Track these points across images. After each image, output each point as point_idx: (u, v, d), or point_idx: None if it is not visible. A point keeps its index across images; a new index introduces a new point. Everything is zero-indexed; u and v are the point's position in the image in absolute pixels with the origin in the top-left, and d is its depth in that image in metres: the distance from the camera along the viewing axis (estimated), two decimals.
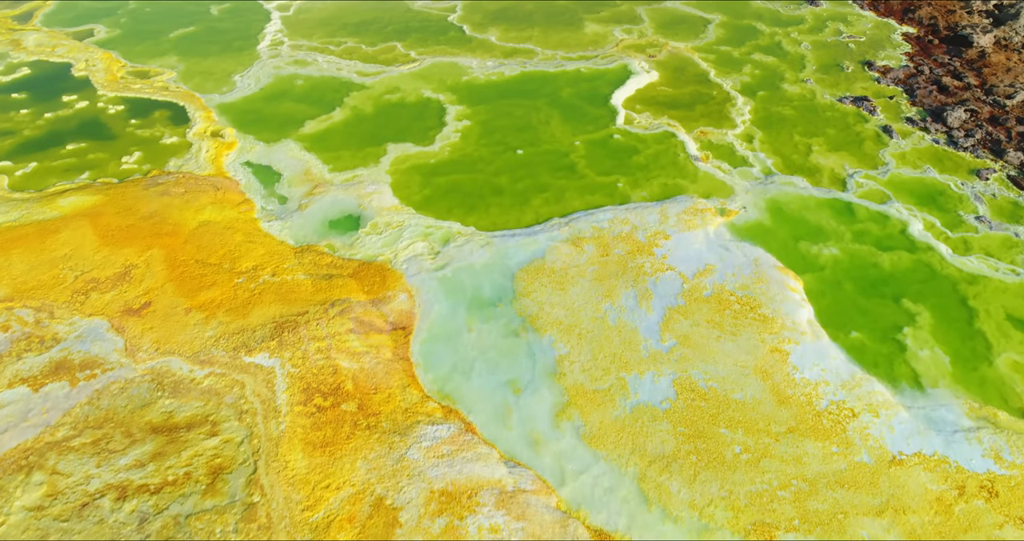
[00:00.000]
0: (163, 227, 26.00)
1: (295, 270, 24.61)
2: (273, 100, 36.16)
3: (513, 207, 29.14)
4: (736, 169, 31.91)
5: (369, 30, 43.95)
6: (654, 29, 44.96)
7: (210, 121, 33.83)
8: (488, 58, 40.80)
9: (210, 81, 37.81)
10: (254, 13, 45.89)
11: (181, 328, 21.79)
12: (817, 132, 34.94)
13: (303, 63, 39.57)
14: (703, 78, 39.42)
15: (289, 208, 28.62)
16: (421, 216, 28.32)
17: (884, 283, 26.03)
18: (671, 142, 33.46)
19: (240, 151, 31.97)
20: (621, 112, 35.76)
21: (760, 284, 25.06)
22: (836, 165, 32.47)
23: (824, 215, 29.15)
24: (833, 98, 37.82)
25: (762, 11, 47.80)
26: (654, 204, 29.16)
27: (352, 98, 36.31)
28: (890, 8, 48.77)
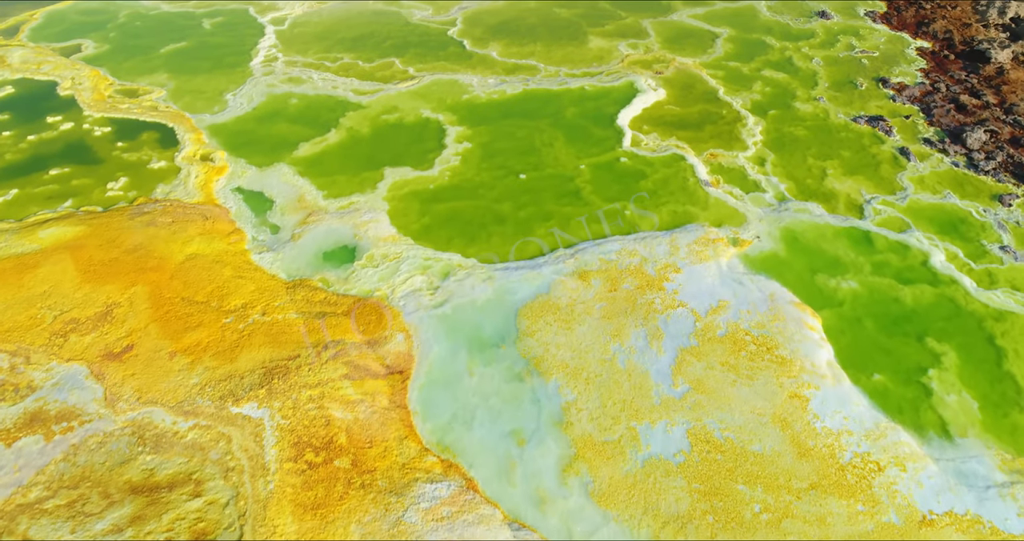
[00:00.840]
0: (148, 261, 25.05)
1: (287, 308, 23.65)
2: (266, 120, 35.28)
3: (516, 237, 28.20)
4: (748, 195, 30.99)
5: (366, 45, 43.13)
6: (660, 44, 44.15)
7: (200, 144, 32.92)
8: (489, 75, 39.96)
9: (201, 100, 36.94)
10: (248, 27, 45.09)
11: (165, 374, 20.81)
12: (832, 154, 34.04)
13: (297, 81, 38.72)
14: (712, 96, 38.57)
15: (281, 238, 27.69)
16: (419, 247, 27.38)
17: (906, 320, 25.06)
18: (680, 165, 32.56)
19: (231, 176, 31.06)
20: (628, 133, 34.88)
21: (776, 322, 24.10)
22: (852, 190, 31.56)
23: (841, 245, 28.21)
24: (847, 117, 36.95)
25: (771, 25, 46.99)
26: (664, 233, 28.22)
27: (348, 118, 35.44)
28: (903, 21, 47.97)
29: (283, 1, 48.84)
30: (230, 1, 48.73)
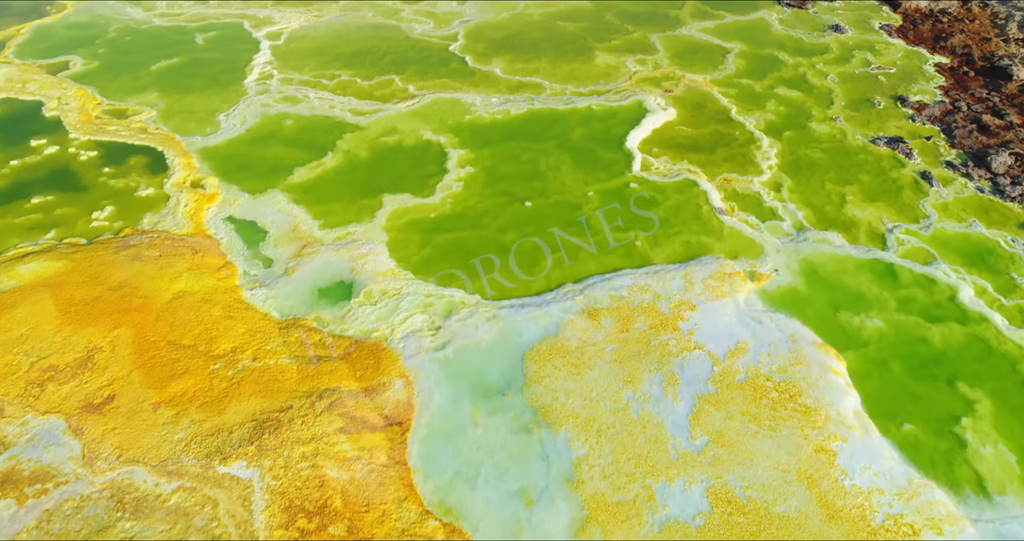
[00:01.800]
0: (133, 300, 23.99)
1: (279, 352, 22.57)
2: (260, 143, 34.28)
3: (522, 270, 27.11)
4: (765, 223, 29.95)
5: (365, 61, 42.19)
6: (669, 59, 43.20)
7: (190, 169, 31.91)
8: (492, 93, 38.99)
9: (192, 121, 35.97)
10: (242, 42, 44.17)
11: (147, 429, 19.72)
12: (850, 179, 33.02)
13: (293, 100, 37.75)
14: (724, 116, 37.57)
15: (275, 273, 26.63)
16: (420, 282, 26.33)
17: (935, 362, 23.97)
18: (692, 192, 31.53)
19: (222, 204, 30.03)
20: (637, 156, 33.87)
21: (799, 366, 23.01)
22: (873, 218, 30.51)
23: (864, 279, 27.13)
24: (865, 139, 35.94)
25: (784, 39, 46.05)
26: (677, 267, 27.16)
27: (345, 141, 34.44)
28: (920, 35, 47.03)
29: (279, 14, 47.92)
30: (224, 15, 47.83)
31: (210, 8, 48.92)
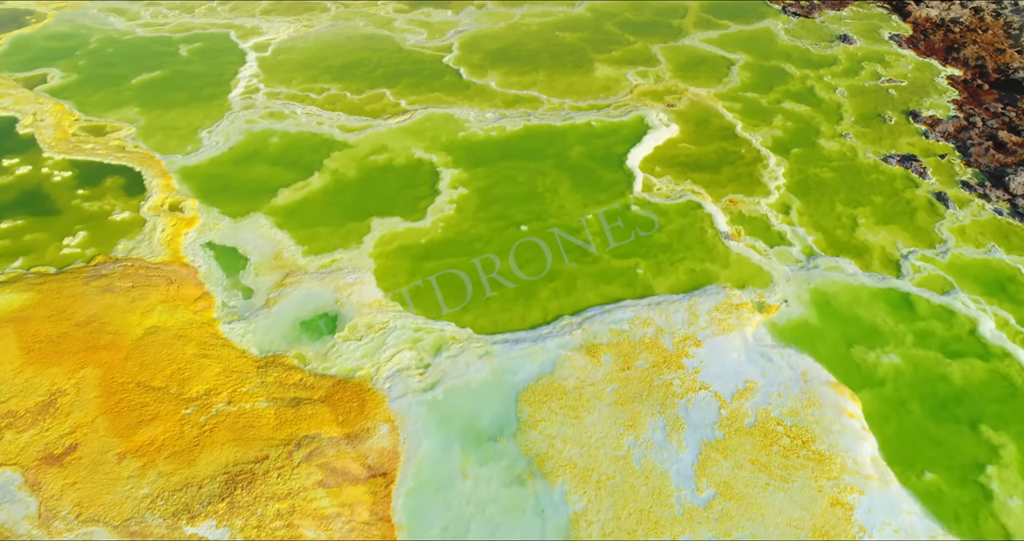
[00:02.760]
0: (101, 337, 22.82)
1: (256, 394, 21.40)
2: (243, 163, 33.18)
3: (516, 301, 26.01)
4: (773, 249, 28.83)
5: (355, 74, 41.14)
6: (672, 72, 42.16)
7: (169, 190, 30.79)
8: (488, 108, 37.92)
9: (173, 138, 34.87)
10: (228, 54, 43.13)
11: (111, 483, 18.53)
12: (862, 200, 31.91)
13: (279, 116, 36.65)
14: (729, 132, 36.50)
15: (255, 304, 25.49)
16: (409, 314, 25.17)
17: (957, 402, 22.81)
18: (696, 215, 30.42)
19: (202, 229, 28.90)
20: (638, 176, 32.78)
21: (812, 408, 21.84)
22: (887, 243, 29.39)
23: (879, 310, 25.99)
24: (877, 157, 34.86)
25: (790, 50, 45.04)
26: (681, 297, 26.02)
27: (333, 160, 33.34)
28: (931, 46, 46.02)
29: (268, 23, 46.91)
30: (210, 25, 46.80)
31: (196, 18, 47.93)
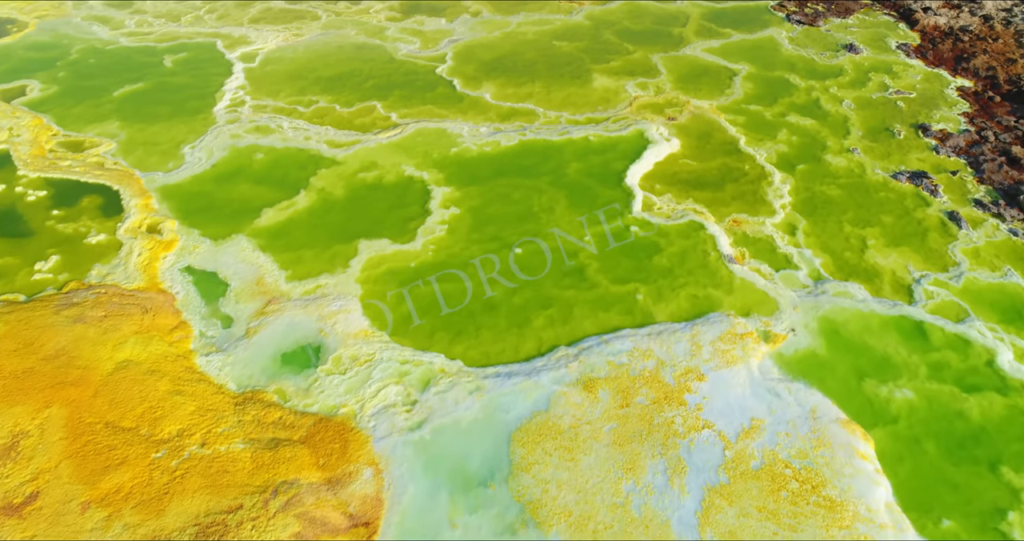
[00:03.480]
0: (70, 372, 21.81)
1: (232, 435, 20.38)
2: (226, 181, 32.20)
3: (509, 330, 25.03)
4: (779, 273, 27.86)
5: (345, 86, 40.21)
6: (673, 83, 41.24)
7: (148, 211, 29.81)
8: (482, 121, 36.99)
9: (154, 154, 33.91)
10: (214, 65, 42.19)
11: (73, 536, 17.47)
12: (871, 220, 30.96)
13: (265, 130, 35.69)
14: (732, 147, 35.55)
15: (234, 334, 24.48)
16: (396, 345, 24.18)
17: (975, 441, 21.81)
18: (699, 236, 29.44)
19: (180, 252, 27.91)
20: (638, 194, 31.81)
21: (821, 449, 20.83)
22: (898, 266, 28.43)
23: (891, 340, 25.01)
24: (886, 173, 33.92)
25: (795, 60, 44.13)
26: (683, 326, 25.03)
27: (320, 177, 32.37)
28: (940, 56, 45.13)
29: (256, 32, 45.98)
30: (197, 34, 45.88)
31: (182, 26, 47.02)
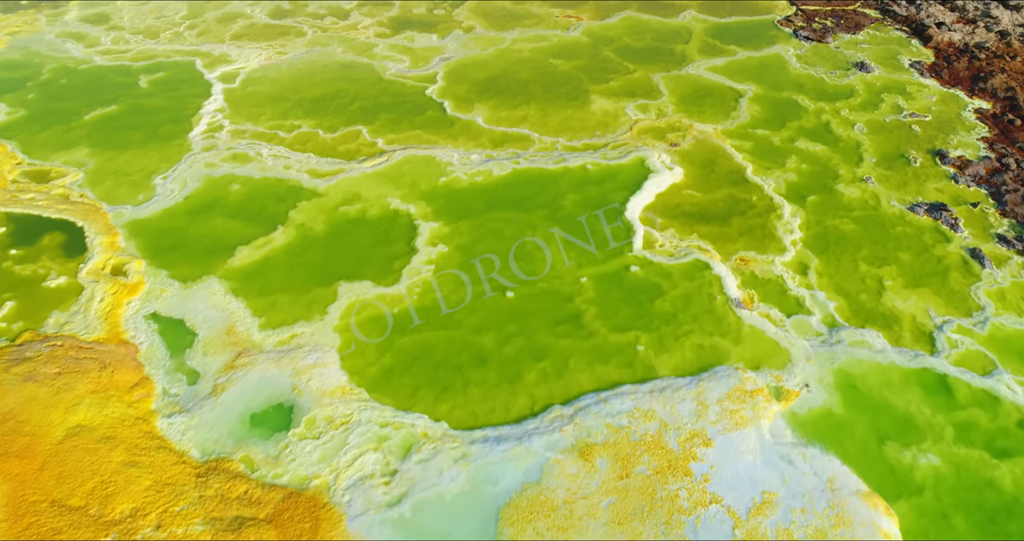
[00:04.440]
0: (15, 441, 20.26)
1: (192, 514, 18.80)
2: (200, 214, 30.72)
3: (500, 386, 23.50)
4: (790, 319, 26.36)
5: (330, 108, 38.78)
6: (675, 105, 39.85)
7: (114, 249, 28.30)
8: (473, 148, 35.55)
9: (124, 185, 32.44)
10: (192, 85, 40.77)
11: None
12: (888, 257, 29.48)
13: (243, 158, 34.22)
14: (738, 176, 34.10)
15: (200, 392, 22.95)
16: (376, 404, 22.66)
17: (1008, 515, 20.26)
18: (704, 277, 27.95)
19: (146, 297, 26.39)
20: (639, 230, 30.34)
21: (841, 527, 19.28)
22: (918, 310, 26.93)
23: (913, 397, 23.48)
24: (902, 206, 32.45)
25: (803, 80, 42.76)
26: (688, 382, 23.49)
27: (300, 211, 30.89)
28: (955, 75, 43.76)
29: (237, 50, 44.59)
30: (175, 52, 44.47)
31: (160, 44, 45.64)
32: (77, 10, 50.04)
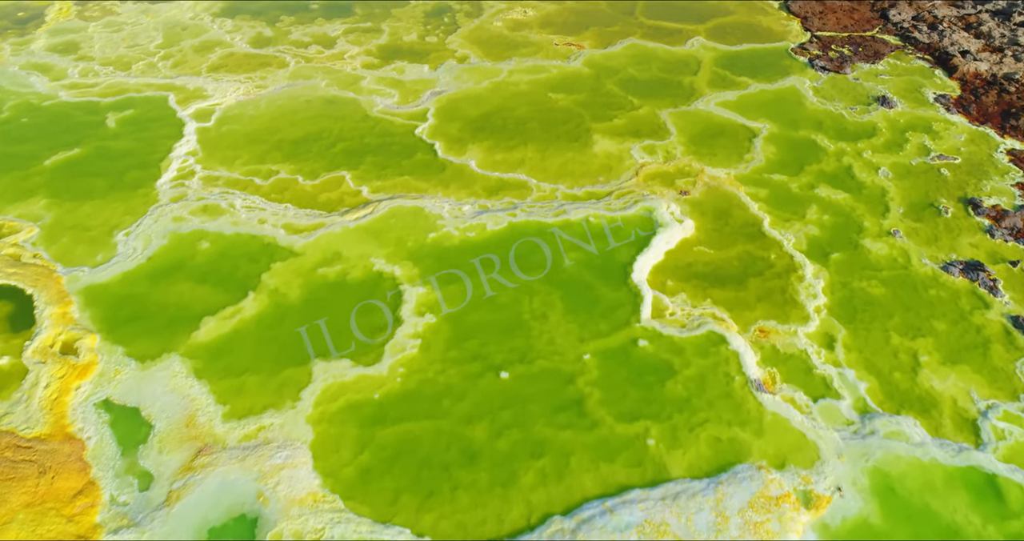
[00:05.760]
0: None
1: None
2: (164, 278, 28.65)
3: (492, 490, 21.36)
4: (817, 404, 24.28)
5: (311, 151, 36.78)
6: (684, 145, 37.87)
7: (65, 323, 26.19)
8: (466, 197, 33.54)
9: (83, 242, 30.39)
10: (163, 124, 38.79)
11: None
12: (922, 327, 27.42)
13: (214, 211, 32.17)
14: (754, 229, 32.06)
15: (152, 500, 20.78)
16: (352, 515, 20.51)
17: None
18: (720, 353, 25.86)
19: (98, 380, 24.27)
20: (647, 295, 28.26)
21: None
22: (959, 392, 24.84)
23: (959, 501, 21.35)
24: (935, 264, 30.40)
25: (821, 116, 40.83)
26: (705, 486, 21.35)
27: (274, 274, 28.81)
28: (984, 111, 41.84)
29: (214, 84, 42.65)
30: (147, 86, 42.54)
31: (132, 76, 43.71)
32: (45, 38, 48.15)
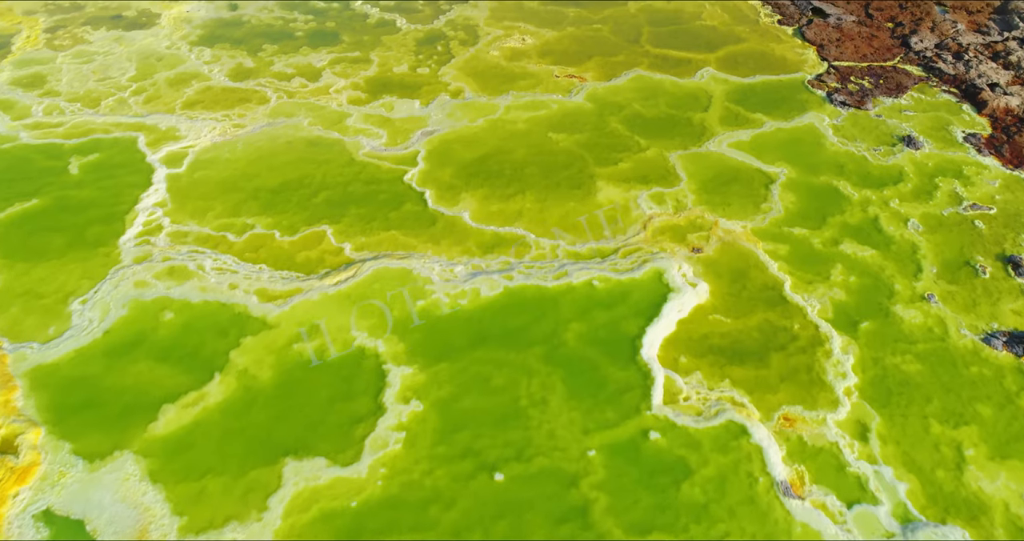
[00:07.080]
0: None
1: None
2: (121, 356, 26.48)
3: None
4: (852, 510, 22.13)
5: (291, 201, 34.70)
6: (695, 193, 35.82)
7: (7, 413, 24.02)
8: (458, 255, 31.44)
9: (34, 312, 28.25)
10: (130, 171, 36.70)
11: None
12: (964, 413, 25.27)
13: (181, 274, 30.02)
14: (775, 294, 29.94)
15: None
16: None
17: None
18: (741, 448, 23.68)
19: (39, 486, 22.05)
20: (658, 376, 26.11)
21: None
22: (1010, 494, 22.67)
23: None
24: (975, 335, 28.28)
25: (843, 159, 38.81)
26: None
27: (244, 350, 26.65)
28: (1017, 152, 39.85)
29: (188, 123, 40.63)
30: (116, 126, 40.49)
31: (100, 114, 41.68)
32: (10, 70, 46.15)
